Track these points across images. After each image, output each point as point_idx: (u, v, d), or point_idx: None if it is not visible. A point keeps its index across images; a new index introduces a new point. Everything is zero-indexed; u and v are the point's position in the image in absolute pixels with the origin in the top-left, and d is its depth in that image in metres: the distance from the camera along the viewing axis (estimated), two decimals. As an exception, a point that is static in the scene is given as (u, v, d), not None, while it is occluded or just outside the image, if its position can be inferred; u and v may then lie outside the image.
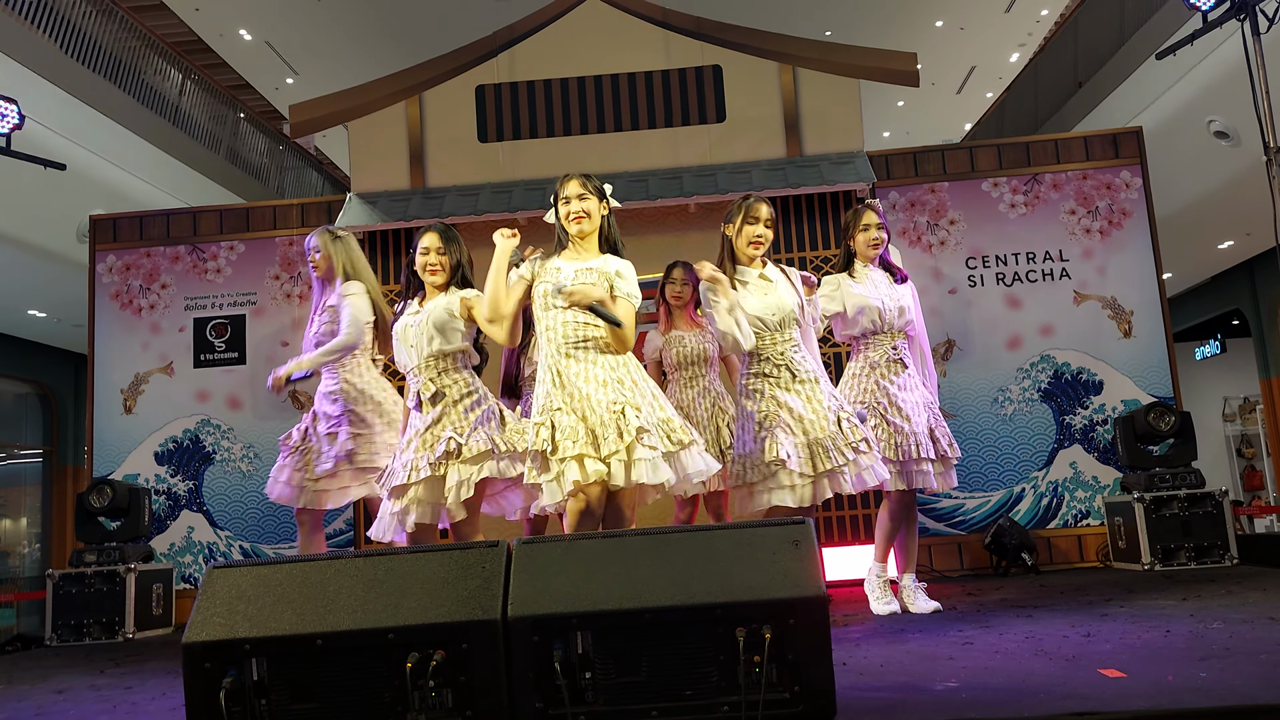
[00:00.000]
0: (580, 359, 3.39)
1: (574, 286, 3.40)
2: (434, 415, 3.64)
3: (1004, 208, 6.96)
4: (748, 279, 3.86)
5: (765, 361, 3.81)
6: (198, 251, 7.21)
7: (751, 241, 3.88)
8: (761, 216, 3.88)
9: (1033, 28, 15.48)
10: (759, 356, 3.82)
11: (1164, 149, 8.63)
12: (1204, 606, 3.71)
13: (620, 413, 3.28)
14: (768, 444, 3.71)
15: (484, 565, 2.25)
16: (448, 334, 3.70)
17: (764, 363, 3.82)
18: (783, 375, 3.79)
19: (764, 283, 3.85)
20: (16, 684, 3.86)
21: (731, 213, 3.96)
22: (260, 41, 14.91)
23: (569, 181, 3.53)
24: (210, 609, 2.19)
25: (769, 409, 3.76)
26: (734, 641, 2.10)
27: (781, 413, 3.74)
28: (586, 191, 3.50)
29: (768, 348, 3.81)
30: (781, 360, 3.80)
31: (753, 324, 3.77)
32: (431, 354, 3.70)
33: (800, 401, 3.76)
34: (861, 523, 6.44)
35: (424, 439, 3.61)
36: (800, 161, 6.84)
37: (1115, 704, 2.06)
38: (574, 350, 3.40)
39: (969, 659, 2.82)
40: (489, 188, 6.94)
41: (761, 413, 3.77)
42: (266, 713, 2.11)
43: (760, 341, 3.81)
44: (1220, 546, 5.69)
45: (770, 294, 3.83)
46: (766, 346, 3.81)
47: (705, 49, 7.10)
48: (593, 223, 3.50)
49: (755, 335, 3.79)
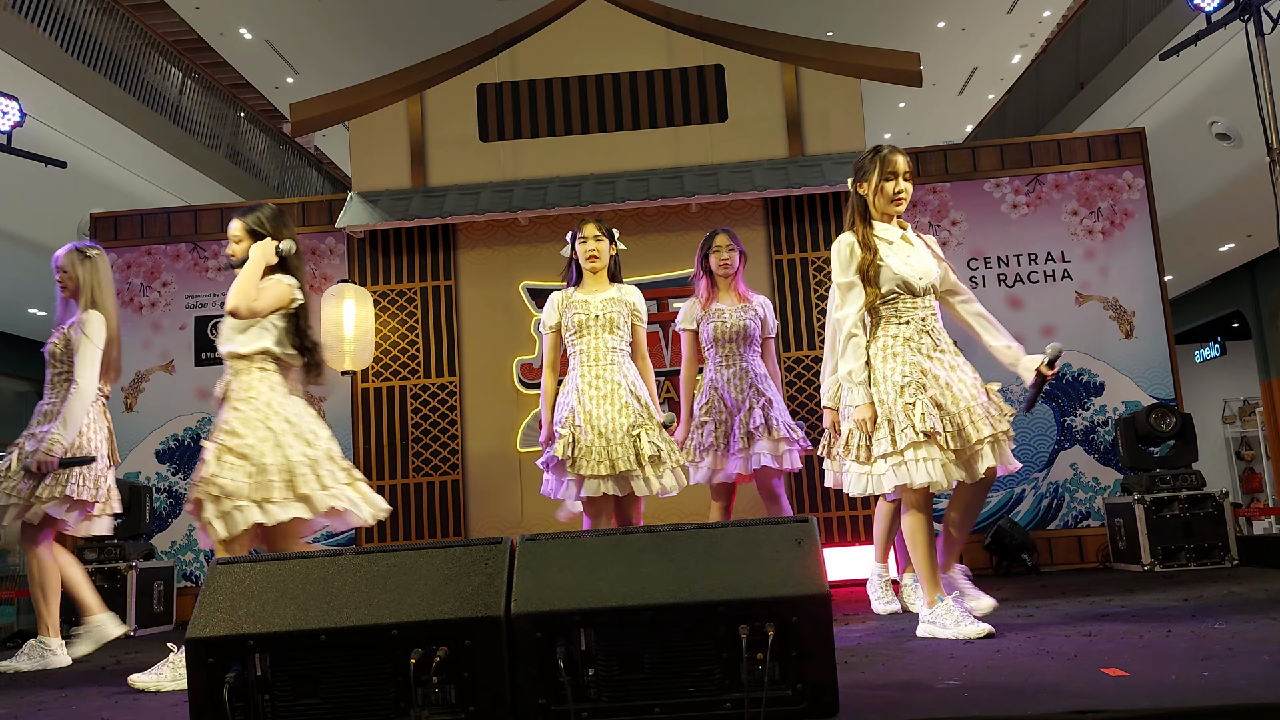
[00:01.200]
0: (606, 380, 4.20)
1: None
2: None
3: (1006, 208, 6.97)
4: (890, 237, 3.53)
5: (905, 325, 3.46)
6: (199, 249, 7.21)
7: (893, 198, 3.54)
8: (900, 169, 3.55)
9: (1035, 28, 15.49)
10: (898, 319, 3.47)
11: (1166, 150, 8.63)
12: (1205, 607, 3.71)
13: (636, 437, 4.11)
14: (915, 412, 3.33)
15: (487, 562, 2.25)
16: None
17: (904, 326, 3.46)
18: (924, 342, 3.45)
19: (906, 245, 3.54)
20: (19, 680, 3.86)
21: (864, 169, 3.58)
22: (260, 40, 14.92)
23: (586, 225, 4.38)
24: (214, 604, 2.19)
25: (913, 375, 3.39)
26: (737, 639, 2.10)
27: (927, 381, 3.38)
28: (600, 235, 4.36)
29: (907, 311, 3.46)
30: (924, 327, 3.47)
31: (897, 286, 3.45)
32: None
33: (944, 370, 3.42)
34: (862, 524, 6.44)
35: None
36: (802, 161, 6.84)
37: (1118, 702, 2.06)
38: (602, 372, 4.21)
39: (970, 658, 2.82)
40: (490, 187, 6.94)
41: (906, 377, 3.38)
42: (270, 708, 2.11)
43: (900, 303, 3.47)
44: (1221, 548, 5.69)
45: (913, 256, 3.51)
46: (906, 310, 3.46)
47: (707, 48, 7.10)
48: (603, 261, 4.36)
49: (895, 297, 3.46)
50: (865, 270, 3.47)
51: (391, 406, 6.87)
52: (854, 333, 3.48)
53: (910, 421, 3.32)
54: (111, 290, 4.49)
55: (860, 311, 3.48)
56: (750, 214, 6.89)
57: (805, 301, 6.77)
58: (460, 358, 6.89)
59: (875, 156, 3.58)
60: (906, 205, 3.58)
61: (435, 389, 6.86)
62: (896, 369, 3.40)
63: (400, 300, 6.98)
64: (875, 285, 3.46)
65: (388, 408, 6.88)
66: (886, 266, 3.46)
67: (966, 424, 3.35)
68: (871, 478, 3.43)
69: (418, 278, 6.98)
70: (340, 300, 6.56)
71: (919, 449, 3.31)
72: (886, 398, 3.39)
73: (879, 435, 3.39)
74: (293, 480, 3.36)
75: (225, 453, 3.34)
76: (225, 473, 3.31)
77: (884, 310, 3.48)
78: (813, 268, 6.76)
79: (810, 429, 6.64)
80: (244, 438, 3.36)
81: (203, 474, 3.35)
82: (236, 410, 3.43)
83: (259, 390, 3.46)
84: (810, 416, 6.68)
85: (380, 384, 6.91)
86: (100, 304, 4.40)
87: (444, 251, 6.99)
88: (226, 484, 3.29)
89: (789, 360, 6.72)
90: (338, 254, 7.18)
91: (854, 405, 3.45)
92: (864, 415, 3.42)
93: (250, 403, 3.43)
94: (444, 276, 6.97)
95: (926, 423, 3.30)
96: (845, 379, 3.48)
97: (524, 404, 6.77)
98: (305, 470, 3.38)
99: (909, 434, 3.31)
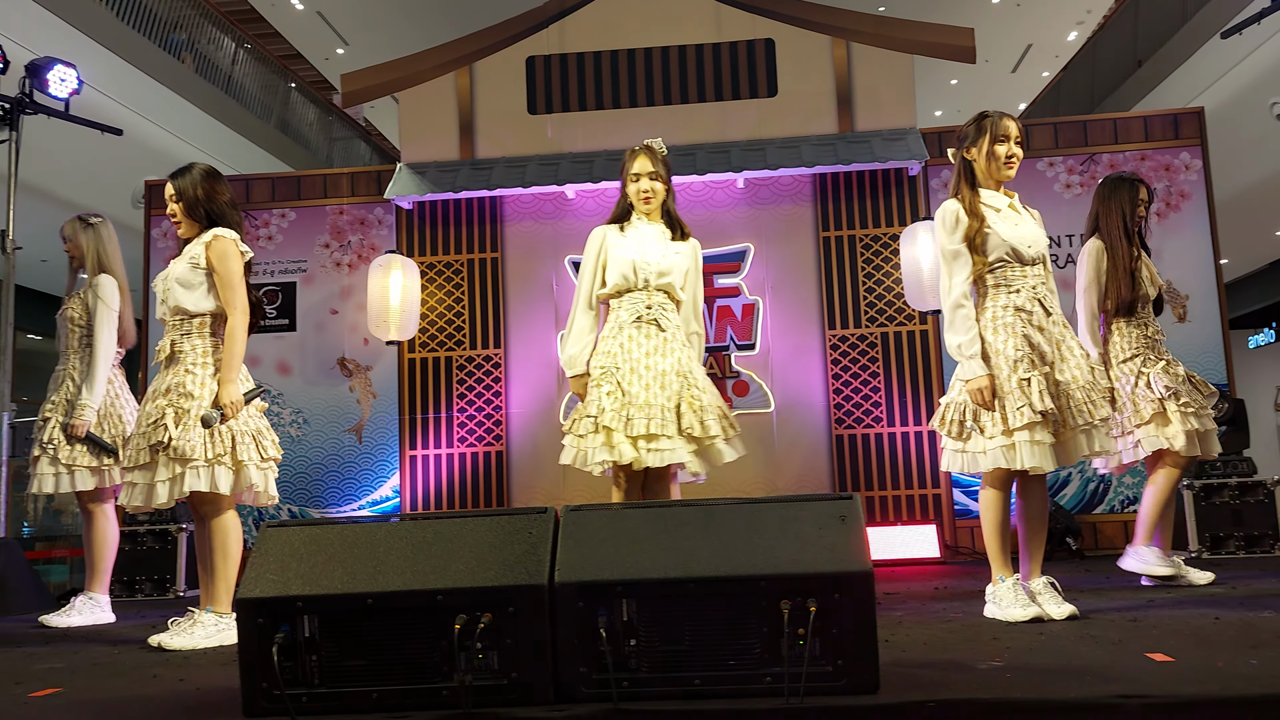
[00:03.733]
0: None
1: None
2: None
3: (1059, 188, 6.85)
4: (998, 205, 3.42)
5: (1016, 294, 3.33)
6: (250, 218, 7.30)
7: (1005, 162, 3.41)
8: (1011, 134, 3.41)
9: (1092, 5, 15.17)
10: (1008, 288, 3.34)
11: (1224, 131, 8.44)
12: (1254, 595, 3.66)
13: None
14: (1032, 390, 3.21)
15: (531, 531, 2.26)
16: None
17: (1015, 295, 3.33)
18: (1036, 313, 3.31)
19: (1014, 213, 3.43)
20: (73, 636, 3.96)
21: (970, 135, 3.47)
22: (312, 11, 15.01)
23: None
24: (264, 566, 2.23)
25: (1025, 349, 3.26)
26: (778, 614, 2.10)
27: (1035, 357, 3.26)
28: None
29: (1017, 280, 3.34)
30: (1035, 295, 3.33)
31: (1005, 254, 3.34)
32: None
33: (1050, 346, 3.30)
34: (904, 503, 6.41)
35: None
36: (851, 137, 6.77)
37: (1164, 688, 2.04)
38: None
39: (1013, 640, 2.81)
40: (536, 160, 6.95)
41: (1018, 350, 3.25)
42: (317, 669, 2.15)
43: (1008, 272, 3.34)
44: (1271, 536, 5.60)
45: (1022, 225, 3.40)
46: (1016, 279, 3.34)
47: (758, 22, 7.04)
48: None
49: (1003, 266, 3.34)
50: (971, 238, 3.36)
51: (437, 377, 6.94)
52: (961, 304, 3.34)
53: (1028, 399, 3.19)
54: (119, 256, 4.58)
55: (967, 281, 3.36)
56: (798, 190, 6.84)
57: (853, 279, 6.71)
58: (505, 330, 6.93)
59: (985, 120, 3.45)
60: (1017, 170, 3.45)
61: (480, 360, 6.91)
62: (1010, 342, 3.27)
63: (447, 272, 7.03)
64: (982, 253, 3.35)
65: (433, 378, 6.94)
66: (994, 233, 3.34)
67: (1068, 406, 3.24)
68: (967, 456, 3.33)
69: (464, 249, 7.02)
70: (387, 271, 6.62)
71: (1033, 430, 3.19)
72: (999, 373, 3.26)
73: (990, 412, 3.26)
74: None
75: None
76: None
77: (992, 279, 3.36)
78: (860, 245, 6.70)
79: (854, 408, 6.61)
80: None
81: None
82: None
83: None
84: (854, 396, 6.64)
85: (426, 354, 6.97)
86: (110, 268, 4.52)
87: (490, 224, 7.02)
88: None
89: (834, 339, 6.68)
90: (386, 225, 7.24)
91: (965, 379, 3.30)
92: (982, 386, 3.25)
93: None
94: (490, 249, 7.00)
95: (1045, 401, 3.19)
96: (955, 352, 3.34)
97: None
98: None
99: (1026, 413, 3.18)
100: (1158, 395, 4.10)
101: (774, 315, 6.78)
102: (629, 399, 3.55)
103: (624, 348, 3.64)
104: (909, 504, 6.40)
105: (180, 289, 3.57)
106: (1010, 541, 3.37)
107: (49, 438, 4.35)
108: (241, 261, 3.61)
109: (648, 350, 3.63)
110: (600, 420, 3.55)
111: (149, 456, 3.44)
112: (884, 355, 6.66)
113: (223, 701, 2.35)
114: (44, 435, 4.36)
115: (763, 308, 6.80)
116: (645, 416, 3.52)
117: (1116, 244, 4.22)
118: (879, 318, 6.70)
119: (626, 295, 3.71)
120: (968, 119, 3.54)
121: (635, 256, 3.70)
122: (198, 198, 3.63)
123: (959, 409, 3.35)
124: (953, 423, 3.36)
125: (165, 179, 3.77)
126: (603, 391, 3.59)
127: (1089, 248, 4.29)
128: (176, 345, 3.56)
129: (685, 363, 3.67)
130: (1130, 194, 4.26)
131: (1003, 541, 3.34)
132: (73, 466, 4.32)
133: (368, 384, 7.06)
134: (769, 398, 6.68)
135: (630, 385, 3.57)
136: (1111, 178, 4.35)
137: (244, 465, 3.50)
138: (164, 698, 2.48)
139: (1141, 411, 4.13)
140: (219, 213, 3.65)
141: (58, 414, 4.38)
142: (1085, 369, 3.32)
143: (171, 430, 3.41)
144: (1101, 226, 4.28)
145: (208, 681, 2.67)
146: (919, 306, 6.34)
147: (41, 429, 4.39)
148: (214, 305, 3.58)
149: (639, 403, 3.54)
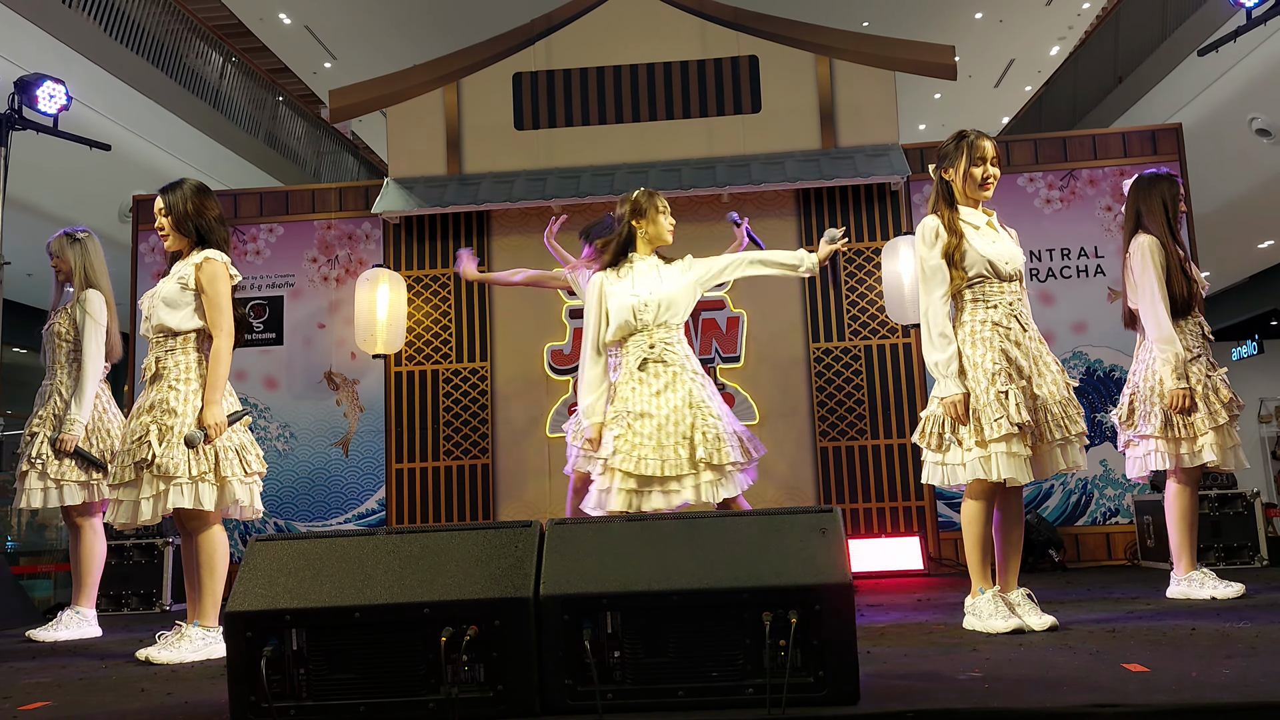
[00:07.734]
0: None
1: None
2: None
3: (1039, 203, 6.93)
4: (976, 222, 3.50)
5: (994, 309, 3.40)
6: (238, 233, 7.31)
7: (982, 183, 3.51)
8: (989, 155, 3.50)
9: (1074, 21, 15.34)
10: (985, 303, 3.41)
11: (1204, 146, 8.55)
12: (1231, 606, 3.71)
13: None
14: (1010, 403, 3.26)
15: (517, 545, 2.30)
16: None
17: (993, 310, 3.40)
18: (1013, 328, 3.38)
19: (991, 230, 3.51)
20: (60, 650, 3.97)
21: (948, 155, 3.54)
22: (300, 26, 15.04)
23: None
24: (252, 580, 2.26)
25: (1002, 363, 3.32)
26: (760, 625, 2.13)
27: (1013, 370, 3.32)
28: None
29: (994, 295, 3.41)
30: (1012, 311, 3.40)
31: (983, 269, 3.41)
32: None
33: (1027, 361, 3.37)
34: (888, 516, 6.45)
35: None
36: (835, 153, 6.83)
37: (1137, 697, 2.08)
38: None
39: (992, 650, 2.84)
40: (524, 175, 6.99)
41: (996, 364, 3.32)
42: (305, 682, 2.18)
43: (986, 288, 3.42)
44: (1250, 548, 5.66)
45: (999, 242, 3.49)
46: (994, 294, 3.41)
47: (741, 39, 7.11)
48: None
49: (981, 281, 3.42)
50: (950, 254, 3.43)
51: (424, 390, 6.96)
52: (939, 322, 3.41)
53: (1005, 412, 3.25)
54: (105, 271, 4.61)
55: (945, 297, 3.42)
56: (782, 205, 6.90)
57: (835, 293, 6.77)
58: (492, 343, 6.96)
59: (962, 142, 3.52)
60: (994, 190, 3.55)
61: (467, 373, 6.94)
62: (988, 355, 3.34)
63: (434, 285, 7.06)
64: (961, 269, 3.42)
65: (420, 391, 6.96)
66: (972, 249, 3.41)
67: (1046, 420, 3.32)
68: (946, 468, 3.38)
69: (451, 263, 7.05)
70: (374, 285, 6.64)
71: (1010, 443, 3.25)
72: (976, 386, 3.32)
73: (965, 425, 3.32)
74: None
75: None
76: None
77: (970, 294, 3.43)
78: (843, 259, 6.76)
79: (838, 420, 6.66)
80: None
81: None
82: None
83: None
84: (838, 409, 6.69)
85: (413, 368, 6.99)
86: (96, 283, 4.54)
87: (478, 238, 7.05)
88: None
89: (818, 351, 6.73)
90: (373, 239, 7.26)
91: (941, 395, 3.37)
92: (956, 402, 3.31)
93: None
94: (477, 263, 7.03)
95: (1022, 414, 3.25)
96: (933, 369, 3.40)
97: (554, 390, 6.83)
98: None
99: (1003, 425, 3.23)
100: (1230, 397, 4.11)
101: (758, 328, 6.83)
102: (640, 440, 3.67)
103: (635, 391, 3.78)
104: (893, 516, 6.44)
105: (165, 308, 3.61)
106: (991, 554, 3.42)
107: (37, 452, 4.36)
108: (230, 284, 3.65)
109: (657, 389, 3.77)
110: (610, 463, 3.69)
111: (134, 474, 3.47)
112: (867, 368, 6.71)
113: (211, 715, 2.37)
114: (32, 450, 4.37)
115: (747, 320, 6.84)
116: (659, 458, 3.64)
117: (1165, 239, 4.13)
118: (862, 330, 6.75)
119: (631, 339, 3.87)
120: (948, 136, 3.60)
121: (633, 301, 3.86)
122: (187, 212, 3.67)
123: (938, 422, 3.40)
124: (932, 435, 3.41)
125: (153, 194, 3.80)
126: (612, 434, 3.73)
127: (1143, 243, 4.14)
128: (161, 362, 3.60)
129: (696, 394, 3.77)
130: (1170, 189, 4.18)
131: (984, 554, 3.39)
132: (61, 481, 4.34)
133: (355, 398, 7.07)
134: (754, 409, 6.73)
135: (642, 428, 3.69)
136: (1147, 175, 4.27)
137: (228, 481, 3.52)
138: (152, 711, 2.50)
139: (1217, 416, 4.10)
140: (208, 228, 3.69)
141: (45, 429, 4.40)
142: (1062, 384, 3.40)
143: (155, 447, 3.43)
144: (1147, 222, 4.18)
145: (195, 695, 2.69)
146: (900, 320, 6.38)
147: (29, 444, 4.40)
148: (199, 324, 3.61)
149: (651, 444, 3.66)
